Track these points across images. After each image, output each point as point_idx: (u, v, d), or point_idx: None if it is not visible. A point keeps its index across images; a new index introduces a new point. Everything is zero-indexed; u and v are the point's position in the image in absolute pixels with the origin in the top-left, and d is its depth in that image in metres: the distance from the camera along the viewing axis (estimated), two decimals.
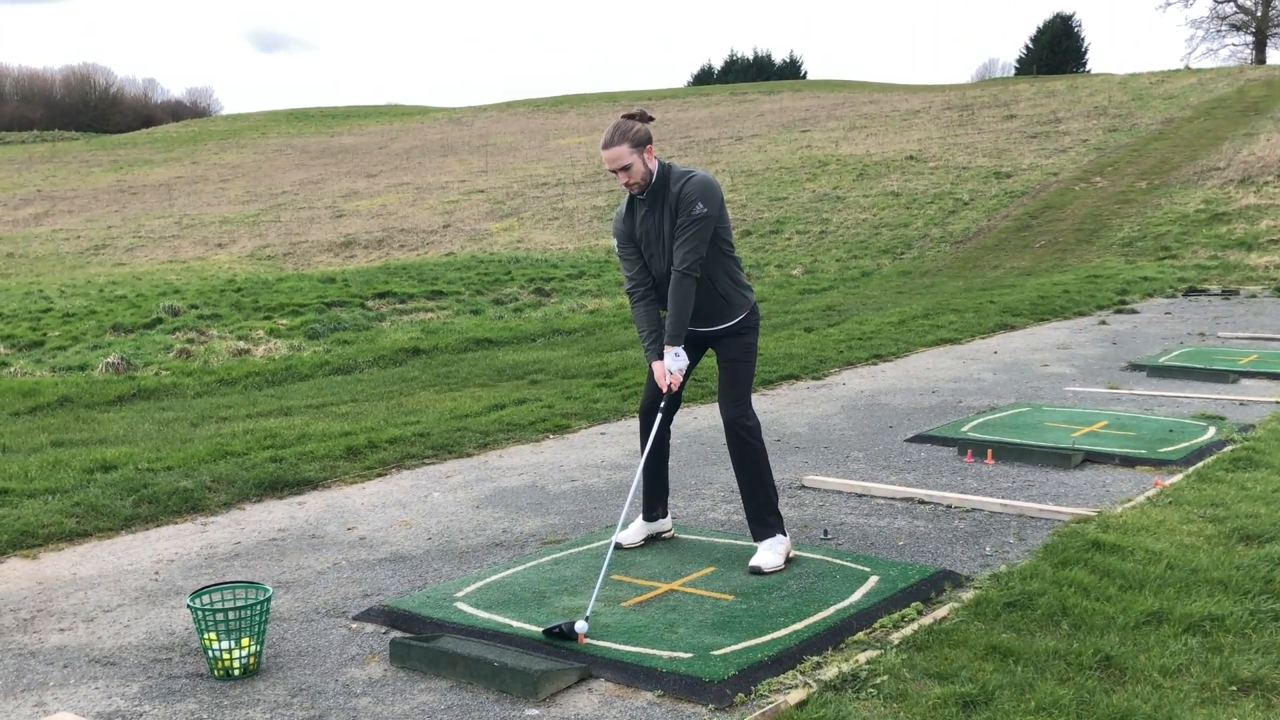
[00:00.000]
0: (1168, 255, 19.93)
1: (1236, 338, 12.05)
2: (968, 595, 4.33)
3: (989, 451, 6.81)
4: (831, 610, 4.21)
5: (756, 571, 4.68)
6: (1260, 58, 61.70)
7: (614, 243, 4.97)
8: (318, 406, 9.48)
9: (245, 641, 3.84)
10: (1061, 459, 6.61)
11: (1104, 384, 9.45)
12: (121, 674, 3.91)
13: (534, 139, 51.91)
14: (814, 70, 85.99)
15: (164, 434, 8.34)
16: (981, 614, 4.09)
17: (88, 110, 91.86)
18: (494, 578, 4.73)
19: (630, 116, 4.73)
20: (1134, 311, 14.60)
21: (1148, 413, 8.14)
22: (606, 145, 4.69)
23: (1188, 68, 50.27)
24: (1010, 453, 6.81)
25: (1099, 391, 9.11)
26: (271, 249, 30.87)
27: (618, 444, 7.56)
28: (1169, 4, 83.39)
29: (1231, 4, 63.88)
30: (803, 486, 6.26)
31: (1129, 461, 6.62)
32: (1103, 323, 13.63)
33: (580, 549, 5.13)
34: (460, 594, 4.52)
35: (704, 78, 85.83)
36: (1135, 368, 10.21)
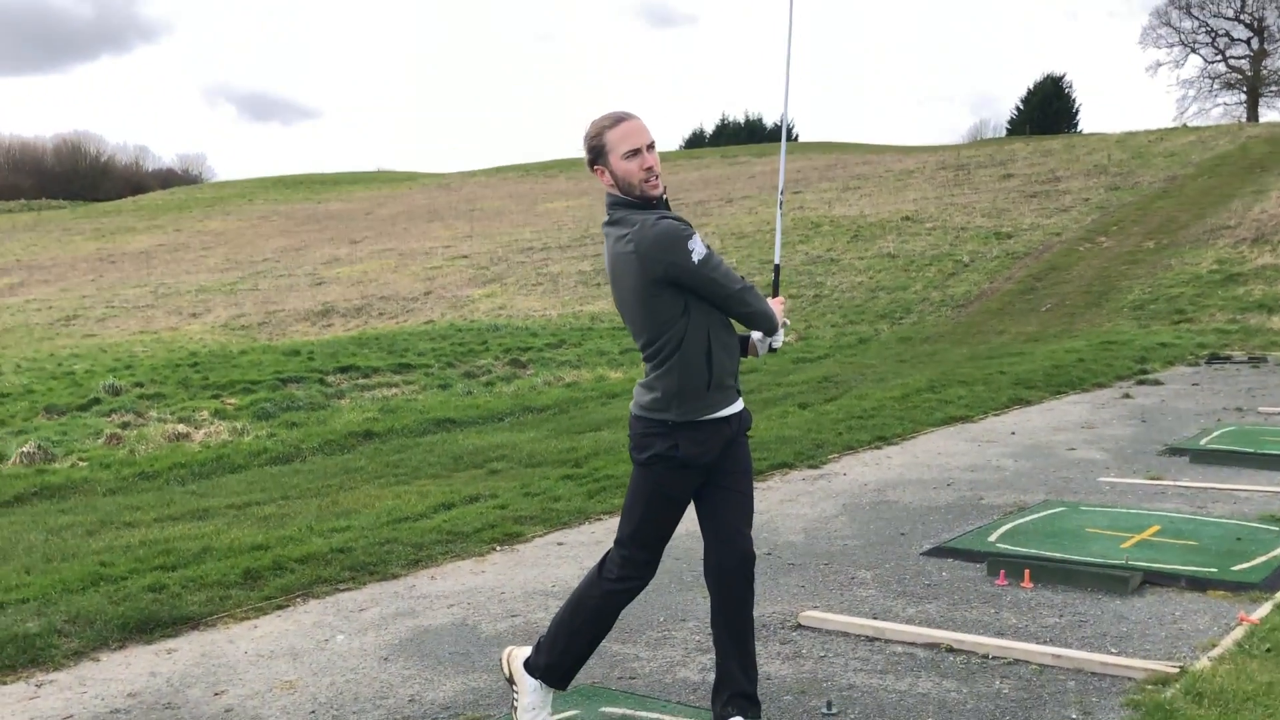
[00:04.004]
0: (1183, 319, 18.79)
1: (1279, 413, 10.85)
2: None
3: (1025, 571, 5.57)
4: None
5: None
6: (1253, 116, 61.26)
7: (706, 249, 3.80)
8: (240, 507, 8.23)
9: None
10: (1115, 582, 5.37)
11: (1143, 473, 8.22)
12: None
13: (522, 203, 51.01)
14: (805, 133, 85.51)
15: (46, 546, 7.07)
16: None
17: (78, 178, 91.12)
18: None
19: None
20: (1158, 382, 13.39)
21: (1202, 511, 6.92)
22: (630, 118, 3.80)
23: (1185, 125, 49.65)
24: (1051, 573, 5.56)
25: (1139, 483, 7.88)
26: (246, 318, 29.69)
27: (575, 559, 6.30)
28: (1159, 65, 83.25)
29: (1222, 64, 63.65)
30: (799, 626, 5.00)
31: (1198, 584, 5.38)
32: (1126, 395, 12.42)
33: None
34: None
35: (696, 141, 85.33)
36: (1174, 452, 8.97)
